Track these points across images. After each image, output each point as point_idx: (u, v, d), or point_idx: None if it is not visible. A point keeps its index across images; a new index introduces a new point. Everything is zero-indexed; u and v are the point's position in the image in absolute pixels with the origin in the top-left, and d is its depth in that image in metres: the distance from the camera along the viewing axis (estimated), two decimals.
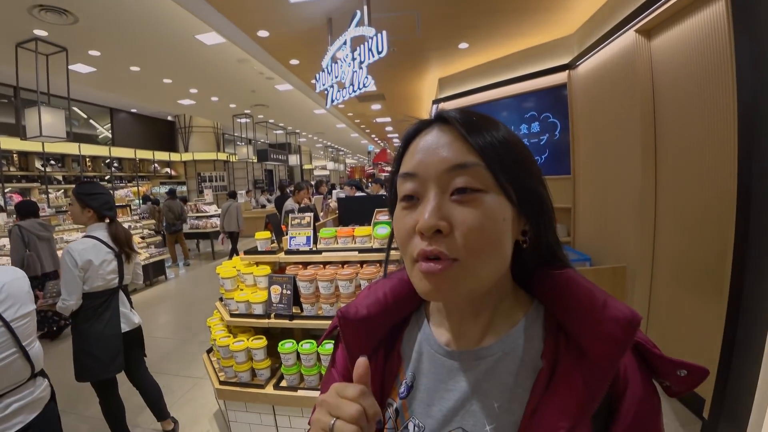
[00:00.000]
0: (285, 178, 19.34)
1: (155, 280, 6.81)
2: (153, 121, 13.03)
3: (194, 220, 9.29)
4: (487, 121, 0.51)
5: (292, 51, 5.80)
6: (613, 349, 0.44)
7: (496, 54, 5.65)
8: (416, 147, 0.51)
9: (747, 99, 1.83)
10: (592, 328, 0.45)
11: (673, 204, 2.79)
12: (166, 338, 4.46)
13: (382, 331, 0.60)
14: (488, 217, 0.46)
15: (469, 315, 0.54)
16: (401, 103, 10.24)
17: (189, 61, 6.51)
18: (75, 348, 2.34)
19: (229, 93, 9.13)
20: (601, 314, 0.45)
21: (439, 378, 0.54)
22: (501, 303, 0.54)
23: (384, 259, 0.65)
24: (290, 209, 4.58)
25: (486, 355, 0.52)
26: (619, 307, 0.45)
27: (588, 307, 0.47)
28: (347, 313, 0.58)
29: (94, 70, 6.58)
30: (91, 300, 2.33)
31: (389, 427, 0.56)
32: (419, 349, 0.58)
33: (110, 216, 2.44)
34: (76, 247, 2.28)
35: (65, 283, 2.25)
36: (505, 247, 0.48)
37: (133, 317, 2.54)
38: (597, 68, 3.82)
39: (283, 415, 2.33)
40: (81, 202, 2.35)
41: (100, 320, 2.35)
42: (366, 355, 0.53)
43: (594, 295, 0.47)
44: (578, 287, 0.49)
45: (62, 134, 5.54)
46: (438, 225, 0.45)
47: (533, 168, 0.51)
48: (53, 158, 9.44)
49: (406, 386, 0.56)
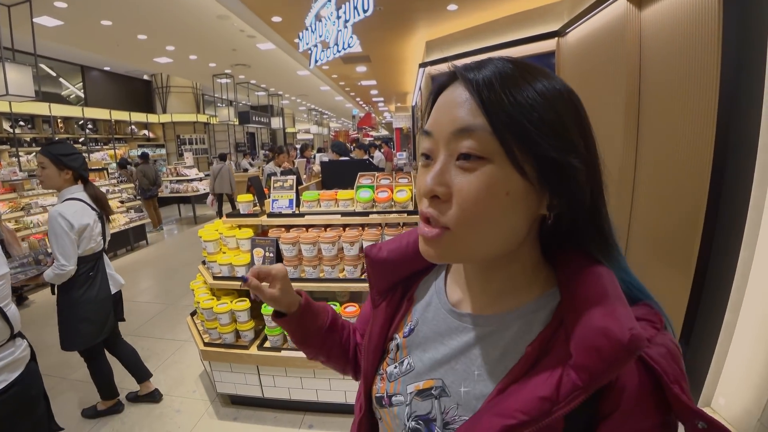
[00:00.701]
0: (267, 142, 18.96)
1: (136, 245, 6.73)
2: (128, 80, 12.46)
3: (175, 184, 9.10)
4: (520, 74, 0.44)
5: (275, 7, 5.54)
6: (596, 363, 0.40)
7: (486, 17, 5.51)
8: (437, 103, 0.49)
9: (728, 77, 1.86)
10: (582, 334, 0.42)
11: (650, 176, 2.84)
12: (149, 303, 4.46)
13: (401, 274, 0.65)
14: (486, 189, 0.42)
15: (479, 280, 0.54)
16: (387, 66, 10.00)
17: (165, 16, 6.17)
18: (67, 316, 2.30)
19: (208, 51, 8.75)
20: (596, 322, 0.41)
21: (438, 331, 0.57)
22: (515, 277, 0.51)
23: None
24: (272, 172, 4.52)
25: (483, 323, 0.52)
26: (622, 322, 0.40)
27: (590, 310, 0.42)
28: (369, 252, 0.65)
29: (61, 23, 6.19)
30: (84, 264, 2.31)
31: (391, 357, 0.62)
32: (429, 299, 0.61)
33: (87, 176, 2.38)
34: (67, 209, 2.20)
35: (61, 248, 2.16)
36: (507, 222, 0.45)
37: (118, 278, 2.56)
38: (586, 37, 3.77)
39: (267, 374, 2.40)
40: (59, 164, 2.22)
41: (93, 284, 2.35)
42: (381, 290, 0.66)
43: (605, 298, 0.43)
44: (594, 286, 0.44)
45: (30, 93, 5.26)
46: (435, 191, 0.44)
47: (568, 134, 0.44)
48: (22, 119, 9.01)
49: (410, 328, 0.61)
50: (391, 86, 13.95)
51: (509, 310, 0.51)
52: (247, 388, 2.46)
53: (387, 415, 0.59)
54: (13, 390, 1.45)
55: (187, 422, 2.47)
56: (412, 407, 0.55)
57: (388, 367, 0.61)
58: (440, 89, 0.50)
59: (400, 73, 11.06)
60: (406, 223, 2.28)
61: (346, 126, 33.46)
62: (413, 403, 0.55)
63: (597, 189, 0.47)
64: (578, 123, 0.45)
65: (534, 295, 0.51)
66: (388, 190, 2.31)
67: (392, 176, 2.46)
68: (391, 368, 0.60)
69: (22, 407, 1.51)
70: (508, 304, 0.52)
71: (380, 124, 30.57)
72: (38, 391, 1.64)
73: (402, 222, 2.28)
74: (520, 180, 0.43)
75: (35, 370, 1.62)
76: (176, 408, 2.61)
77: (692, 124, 2.39)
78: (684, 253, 2.31)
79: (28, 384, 1.54)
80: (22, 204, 5.19)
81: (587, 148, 0.46)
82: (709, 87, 2.20)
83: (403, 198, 2.26)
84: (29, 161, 8.06)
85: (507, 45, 5.09)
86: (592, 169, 0.46)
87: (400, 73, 10.95)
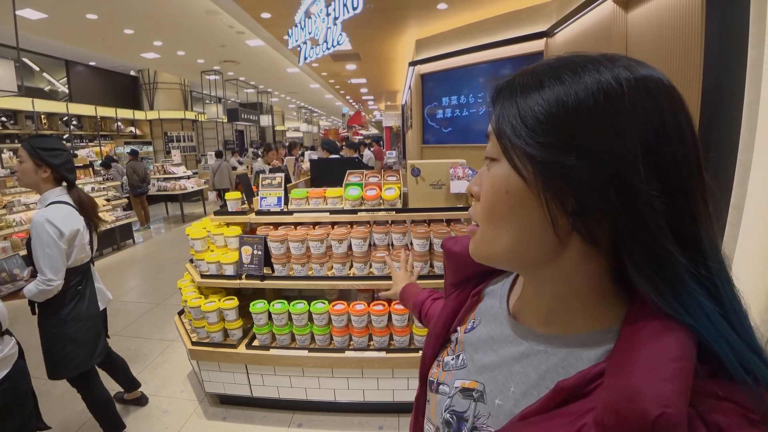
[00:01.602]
0: (257, 140, 18.82)
1: (123, 244, 6.63)
2: (114, 76, 12.26)
3: (162, 182, 8.99)
4: (530, 79, 0.43)
5: (264, 3, 5.50)
6: (613, 428, 0.34)
7: (475, 17, 5.54)
8: None
9: (711, 78, 1.90)
10: (613, 384, 0.36)
11: None
12: (137, 302, 4.40)
13: (473, 270, 0.66)
14: (490, 187, 0.46)
15: (531, 294, 0.52)
16: (377, 64, 9.99)
17: (152, 10, 6.08)
18: (54, 339, 2.00)
19: (196, 47, 8.65)
20: (634, 377, 0.34)
21: (492, 335, 0.56)
22: (566, 297, 0.46)
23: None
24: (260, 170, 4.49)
25: (533, 341, 0.50)
26: (661, 392, 0.32)
27: (637, 358, 0.36)
28: (445, 244, 0.70)
29: (45, 16, 6.07)
30: (74, 276, 2.04)
31: (451, 348, 0.63)
32: (492, 302, 0.62)
33: (71, 179, 2.08)
34: (54, 215, 1.92)
35: (48, 259, 1.86)
36: (517, 222, 0.43)
37: (106, 293, 2.31)
38: (574, 37, 3.82)
39: (256, 373, 2.38)
40: (37, 158, 1.93)
41: (82, 299, 2.07)
42: (453, 282, 0.69)
43: (660, 354, 0.35)
44: (656, 333, 0.37)
45: (12, 87, 5.16)
46: (470, 189, 0.50)
47: (577, 133, 0.38)
48: (4, 114, 8.82)
49: (472, 325, 0.62)
50: (381, 84, 13.93)
51: (560, 333, 0.47)
52: (235, 388, 2.45)
53: (433, 399, 0.62)
54: (2, 387, 1.45)
55: (175, 423, 2.45)
56: (453, 401, 0.56)
57: (446, 357, 0.63)
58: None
59: (390, 72, 11.06)
60: (395, 221, 2.28)
61: (336, 124, 33.36)
62: (455, 398, 0.56)
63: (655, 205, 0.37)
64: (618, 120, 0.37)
65: (590, 327, 0.45)
66: (377, 188, 2.31)
67: (381, 174, 2.46)
68: (449, 358, 0.62)
69: (12, 404, 1.50)
70: (559, 326, 0.48)
71: (370, 123, 30.53)
72: (27, 388, 1.63)
73: (390, 220, 2.29)
74: (518, 180, 0.42)
75: (23, 367, 1.60)
76: (164, 408, 2.59)
77: None
78: None
79: (17, 381, 1.53)
80: (4, 202, 5.07)
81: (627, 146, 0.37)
82: (692, 86, 2.25)
83: (391, 196, 2.26)
84: (11, 158, 7.89)
85: (497, 44, 5.12)
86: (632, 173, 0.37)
87: (390, 71, 10.94)
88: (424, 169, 2.20)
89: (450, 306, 0.67)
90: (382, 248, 2.24)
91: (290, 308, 2.28)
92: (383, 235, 2.21)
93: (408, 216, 2.25)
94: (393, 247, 2.25)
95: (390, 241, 2.25)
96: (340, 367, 2.28)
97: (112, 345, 2.50)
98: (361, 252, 2.19)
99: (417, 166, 2.21)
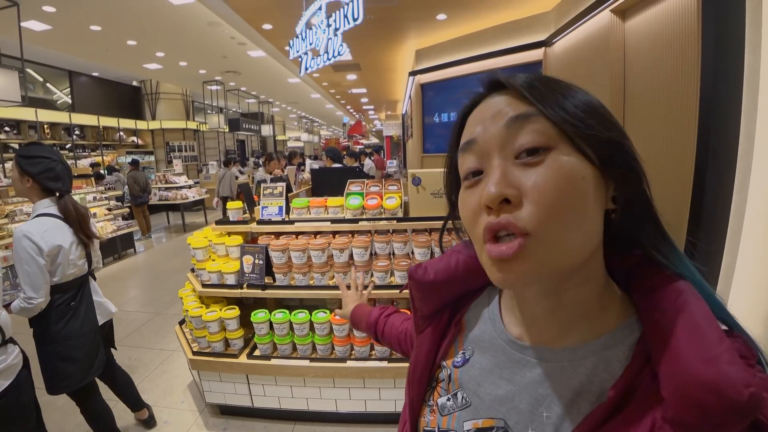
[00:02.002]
0: (258, 149, 18.90)
1: (124, 254, 6.63)
2: (117, 86, 12.35)
3: (163, 192, 9.01)
4: (549, 78, 0.45)
5: (265, 15, 5.56)
6: (700, 423, 0.33)
7: (475, 27, 5.59)
8: (472, 118, 0.46)
9: (708, 84, 1.90)
10: (681, 384, 0.35)
11: None
12: (137, 312, 4.39)
13: (449, 296, 0.60)
14: (563, 176, 0.39)
15: (544, 308, 0.46)
16: (377, 74, 10.06)
17: (155, 21, 6.15)
18: (45, 355, 1.93)
19: (198, 58, 8.72)
20: (699, 371, 0.34)
21: (497, 363, 0.50)
22: (586, 301, 0.45)
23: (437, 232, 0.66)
24: (262, 179, 4.51)
25: (551, 358, 0.46)
26: (733, 376, 0.33)
27: (687, 351, 0.36)
28: (414, 273, 0.59)
29: (49, 28, 6.13)
30: (64, 293, 1.96)
31: (443, 387, 0.55)
32: (483, 326, 0.55)
33: (55, 188, 1.96)
34: (34, 229, 1.82)
35: (27, 276, 1.78)
36: (589, 214, 0.40)
37: (109, 306, 2.23)
38: (572, 47, 3.85)
39: (257, 383, 2.37)
40: (18, 167, 1.87)
41: (76, 316, 1.98)
42: (425, 315, 0.60)
43: (703, 339, 0.36)
44: (685, 316, 0.38)
45: (17, 98, 5.21)
46: (504, 193, 0.39)
47: (613, 119, 0.43)
48: (7, 124, 8.87)
49: (462, 357, 0.54)
50: (381, 94, 14.03)
51: (580, 344, 0.44)
52: (236, 398, 2.43)
53: None
54: (3, 399, 1.42)
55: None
56: None
57: (439, 398, 0.55)
58: (467, 112, 0.48)
59: (391, 82, 11.14)
60: (396, 230, 2.29)
61: (336, 134, 33.52)
62: None
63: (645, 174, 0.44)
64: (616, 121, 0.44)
65: (610, 327, 0.44)
66: (378, 197, 2.32)
67: (382, 183, 2.47)
68: (443, 400, 0.54)
69: (15, 416, 1.47)
70: (578, 337, 0.45)
71: (370, 132, 30.67)
72: (29, 399, 1.60)
73: (392, 229, 2.29)
74: (587, 164, 0.40)
75: (27, 377, 1.58)
76: (164, 419, 2.57)
77: (674, 131, 2.45)
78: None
79: (20, 392, 1.50)
80: (6, 211, 5.09)
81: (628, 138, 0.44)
82: (690, 94, 2.26)
83: (392, 205, 2.27)
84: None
85: (496, 54, 5.17)
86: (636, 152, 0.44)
87: (390, 81, 11.02)
88: (425, 178, 2.21)
89: (427, 342, 0.59)
90: (384, 257, 2.25)
91: (292, 318, 2.27)
92: (384, 244, 2.22)
93: (409, 225, 2.26)
94: (394, 256, 2.25)
95: (391, 250, 2.26)
96: (341, 377, 2.27)
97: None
98: (363, 261, 2.19)
99: (418, 175, 2.22)
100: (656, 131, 2.63)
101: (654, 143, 2.66)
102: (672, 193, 2.41)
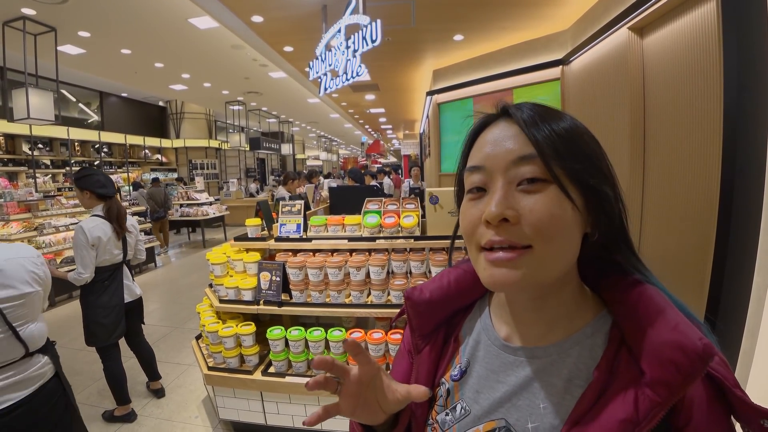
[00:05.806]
0: (277, 168, 19.22)
1: (145, 267, 6.77)
2: (144, 106, 12.84)
3: (185, 208, 9.22)
4: (550, 113, 0.50)
5: (287, 38, 5.73)
6: (674, 377, 0.41)
7: (491, 47, 5.64)
8: (483, 140, 0.52)
9: (732, 100, 1.86)
10: (654, 350, 0.43)
11: (658, 201, 2.83)
12: (155, 325, 4.45)
13: (444, 314, 0.64)
14: (555, 205, 0.46)
15: (531, 310, 0.53)
16: (395, 94, 10.19)
17: (182, 45, 6.41)
18: (85, 317, 2.60)
19: (222, 79, 9.02)
20: (666, 336, 0.43)
21: (492, 368, 0.55)
22: (566, 302, 0.52)
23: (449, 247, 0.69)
24: (282, 197, 4.56)
25: (541, 355, 0.52)
26: (690, 334, 0.42)
27: (654, 326, 0.44)
28: (411, 295, 0.64)
29: (83, 51, 6.45)
30: (100, 274, 2.60)
31: (440, 404, 0.59)
32: (477, 337, 0.60)
33: (103, 194, 2.62)
34: (86, 225, 2.51)
35: (80, 258, 2.49)
36: (574, 237, 0.48)
37: (135, 289, 2.85)
38: (590, 64, 3.84)
39: (270, 401, 2.35)
40: (77, 186, 2.61)
41: (106, 292, 2.62)
42: (424, 334, 0.63)
43: (664, 316, 0.45)
44: (649, 303, 0.47)
45: (50, 117, 5.45)
46: (505, 213, 0.45)
47: (598, 163, 0.50)
48: (41, 142, 9.28)
49: (459, 370, 0.59)
50: (399, 114, 14.17)
51: (565, 338, 0.51)
52: (249, 415, 2.41)
53: None
54: (18, 411, 1.37)
55: None
56: None
57: (438, 416, 0.58)
58: (482, 127, 0.53)
59: (408, 101, 11.26)
60: (413, 249, 2.28)
61: (354, 152, 33.88)
62: None
63: (624, 210, 0.52)
64: (603, 153, 0.51)
65: (587, 320, 0.52)
66: (395, 216, 2.32)
67: (399, 202, 2.48)
68: (442, 416, 0.57)
69: (35, 425, 1.42)
70: (562, 332, 0.52)
71: (388, 151, 30.90)
72: (53, 409, 1.50)
73: (409, 248, 2.28)
74: (567, 200, 0.47)
75: (52, 389, 1.50)
76: None
77: (698, 148, 2.39)
78: (696, 278, 2.27)
79: (40, 404, 1.44)
80: (35, 224, 5.27)
81: (612, 174, 0.51)
82: (713, 110, 2.22)
83: (410, 223, 2.26)
84: (45, 182, 8.24)
85: (513, 73, 5.19)
86: (617, 192, 0.51)
87: (408, 101, 11.14)
88: (443, 197, 2.21)
89: (426, 363, 0.62)
90: (401, 276, 2.23)
91: (307, 335, 2.27)
92: (402, 262, 2.20)
93: (426, 244, 2.25)
94: (411, 274, 2.24)
95: (408, 269, 2.24)
96: None
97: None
98: (379, 279, 2.18)
99: (435, 194, 2.21)
100: (680, 149, 2.58)
101: (678, 162, 2.60)
102: (699, 210, 2.35)
